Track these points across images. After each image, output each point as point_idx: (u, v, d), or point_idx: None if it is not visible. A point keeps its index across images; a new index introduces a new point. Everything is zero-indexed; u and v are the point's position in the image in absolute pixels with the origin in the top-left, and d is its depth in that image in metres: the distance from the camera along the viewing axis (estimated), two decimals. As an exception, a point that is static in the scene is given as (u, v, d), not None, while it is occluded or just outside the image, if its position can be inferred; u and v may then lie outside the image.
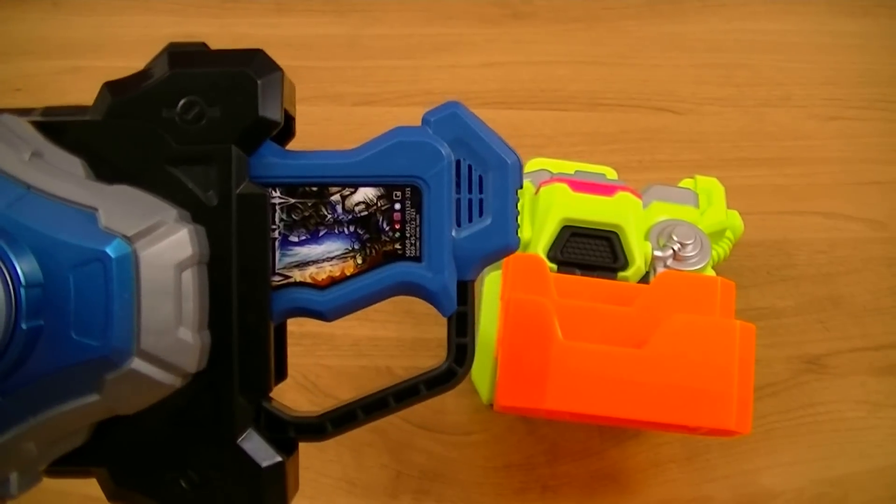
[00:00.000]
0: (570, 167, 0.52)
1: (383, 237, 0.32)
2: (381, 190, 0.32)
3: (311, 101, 0.65)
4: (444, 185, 0.32)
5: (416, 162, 0.32)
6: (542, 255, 0.44)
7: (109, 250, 0.27)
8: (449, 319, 0.33)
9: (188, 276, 0.29)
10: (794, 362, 0.53)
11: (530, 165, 0.54)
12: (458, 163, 0.32)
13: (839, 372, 0.53)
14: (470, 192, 0.32)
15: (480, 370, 0.45)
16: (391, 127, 0.33)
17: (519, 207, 0.32)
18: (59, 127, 0.30)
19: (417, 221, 0.32)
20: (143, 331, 0.27)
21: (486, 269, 0.46)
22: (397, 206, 0.32)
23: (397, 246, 0.32)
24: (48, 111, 0.31)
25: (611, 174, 0.52)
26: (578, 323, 0.40)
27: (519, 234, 0.46)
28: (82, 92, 0.68)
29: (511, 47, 0.72)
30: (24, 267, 0.26)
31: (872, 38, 0.74)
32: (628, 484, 0.48)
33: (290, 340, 0.52)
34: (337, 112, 0.66)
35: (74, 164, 0.30)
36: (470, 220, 0.32)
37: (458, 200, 0.32)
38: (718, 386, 0.39)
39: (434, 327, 0.33)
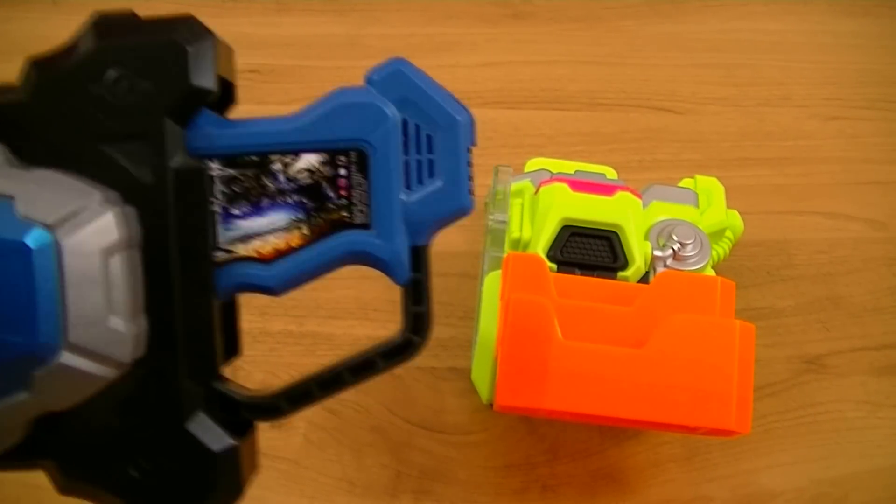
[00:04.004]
0: (569, 167, 0.52)
1: (329, 205, 0.30)
2: (325, 156, 0.30)
3: (312, 100, 0.65)
4: (390, 147, 0.30)
5: (360, 124, 0.30)
6: (542, 255, 0.44)
7: (28, 240, 0.25)
8: (404, 288, 0.31)
9: (116, 262, 0.27)
10: (794, 362, 0.53)
11: (530, 165, 0.54)
12: (404, 123, 0.30)
13: (839, 372, 0.53)
14: (419, 153, 0.30)
15: (480, 370, 0.45)
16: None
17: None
18: None
19: (364, 187, 0.30)
20: (71, 323, 0.26)
21: (485, 269, 0.46)
22: (342, 171, 0.30)
23: (344, 214, 0.31)
24: None
25: (611, 174, 0.52)
26: (578, 323, 0.40)
27: (518, 235, 0.46)
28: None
29: (511, 47, 0.72)
30: None
31: (872, 38, 0.74)
32: (628, 484, 0.48)
33: (289, 340, 0.53)
34: (337, 112, 0.65)
35: None
36: (420, 183, 0.30)
37: (407, 162, 0.30)
38: (718, 386, 0.39)
39: (434, 327, 0.32)
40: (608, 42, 0.73)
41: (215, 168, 0.30)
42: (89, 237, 0.26)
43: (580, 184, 0.47)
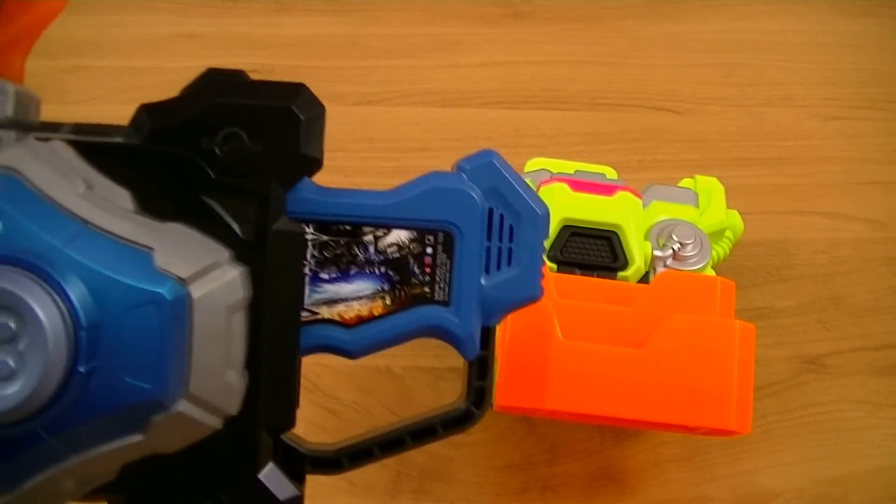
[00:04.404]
0: (569, 167, 0.52)
1: (413, 280, 0.32)
2: (415, 233, 0.32)
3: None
4: (476, 232, 0.32)
5: (451, 208, 0.32)
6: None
7: (165, 292, 0.26)
8: (470, 363, 0.33)
9: (237, 319, 0.28)
10: (794, 362, 0.53)
11: (530, 165, 0.54)
12: (490, 211, 0.32)
13: (839, 372, 0.53)
14: (500, 240, 0.32)
15: (480, 370, 0.45)
16: (391, 127, 0.33)
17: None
18: (96, 149, 0.30)
19: (448, 266, 0.32)
20: (193, 374, 0.27)
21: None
22: (429, 250, 0.32)
23: (426, 289, 0.32)
24: (79, 129, 0.30)
25: (611, 174, 0.52)
26: (578, 323, 0.40)
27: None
28: (83, 91, 0.68)
29: (511, 47, 0.72)
30: (83, 307, 0.26)
31: (872, 38, 0.74)
32: (628, 484, 0.48)
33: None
34: (337, 111, 0.66)
35: (124, 198, 0.29)
36: (498, 269, 0.32)
37: (489, 249, 0.32)
38: (718, 386, 0.39)
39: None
40: (608, 42, 0.73)
41: (309, 233, 0.32)
42: (218, 293, 0.28)
43: (580, 184, 0.47)
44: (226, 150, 0.30)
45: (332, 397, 0.50)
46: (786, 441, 0.50)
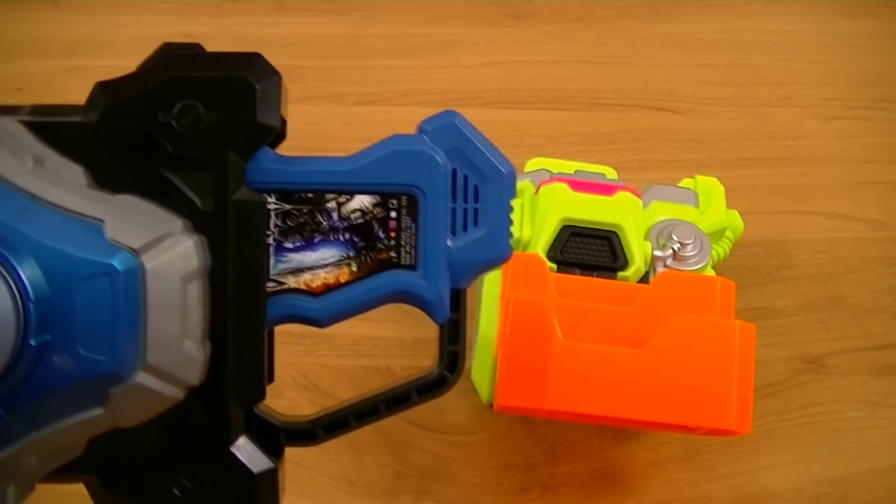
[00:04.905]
0: (569, 167, 0.52)
1: (378, 245, 0.32)
2: (378, 198, 0.32)
3: (312, 100, 0.65)
4: (440, 194, 0.32)
5: (414, 171, 0.31)
6: (542, 255, 0.44)
7: (116, 263, 0.26)
8: (441, 327, 0.33)
9: (193, 288, 0.28)
10: (794, 362, 0.53)
11: (530, 165, 0.54)
12: (454, 172, 0.32)
13: (839, 372, 0.53)
14: (465, 201, 0.32)
15: (480, 370, 0.45)
16: (391, 127, 0.33)
17: (512, 217, 0.32)
18: (50, 127, 0.30)
19: (413, 230, 0.32)
20: (150, 345, 0.27)
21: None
22: (393, 214, 0.32)
23: (392, 254, 0.32)
24: (37, 110, 0.30)
25: (611, 174, 0.52)
26: (578, 323, 0.40)
27: (518, 235, 0.46)
28: (83, 92, 0.68)
29: (511, 47, 0.72)
30: (31, 281, 0.26)
31: (872, 38, 0.74)
32: (628, 484, 0.48)
33: (289, 340, 0.53)
34: (337, 111, 0.66)
35: (76, 172, 0.29)
36: (465, 230, 0.32)
37: (454, 210, 0.32)
38: (718, 386, 0.39)
39: (434, 327, 0.33)
40: (608, 42, 0.73)
41: (271, 202, 0.32)
42: (172, 263, 0.28)
43: (580, 184, 0.47)
44: (182, 122, 0.30)
45: (331, 397, 0.50)
46: (786, 441, 0.50)
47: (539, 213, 0.46)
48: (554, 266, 0.45)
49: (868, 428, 0.50)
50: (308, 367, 0.52)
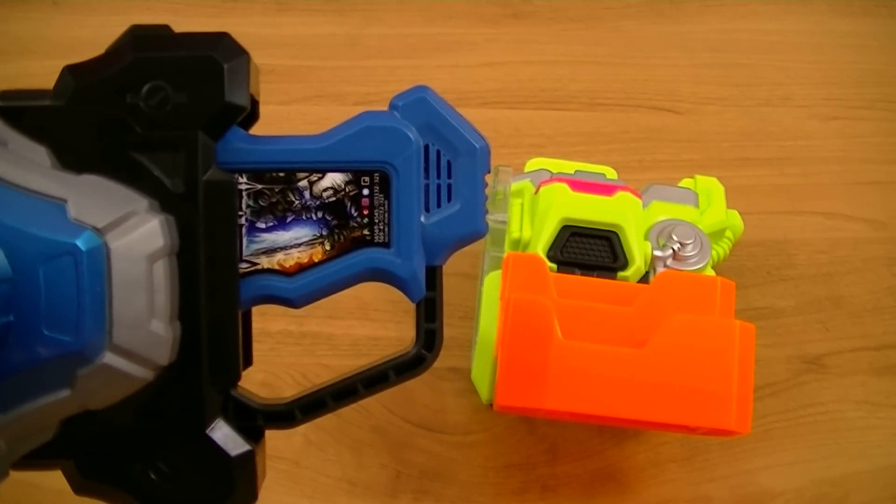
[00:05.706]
0: (569, 167, 0.52)
1: (352, 223, 0.32)
2: (350, 175, 0.31)
3: (312, 100, 0.65)
4: (412, 170, 0.31)
5: (385, 147, 0.31)
6: (542, 255, 0.44)
7: (80, 243, 0.26)
8: (417, 305, 0.33)
9: (160, 268, 0.28)
10: (794, 362, 0.53)
11: (530, 165, 0.54)
12: (426, 148, 0.32)
13: (839, 372, 0.53)
14: (438, 177, 0.32)
15: (480, 370, 0.45)
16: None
17: (488, 192, 0.32)
18: (19, 112, 0.29)
19: (386, 207, 0.32)
20: (116, 324, 0.27)
21: (485, 269, 0.46)
22: (365, 191, 0.32)
23: (366, 232, 0.32)
24: (5, 95, 0.30)
25: (611, 174, 0.52)
26: (578, 323, 0.40)
27: (518, 235, 0.46)
28: (82, 92, 0.68)
29: (511, 47, 0.72)
30: None
31: (872, 38, 0.74)
32: (628, 484, 0.48)
33: (289, 340, 0.53)
34: (337, 111, 0.66)
35: (40, 154, 0.29)
36: (438, 206, 0.32)
37: (427, 186, 0.32)
38: (718, 386, 0.39)
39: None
40: (608, 42, 0.73)
41: (243, 182, 0.31)
42: (137, 242, 0.27)
43: (580, 184, 0.47)
44: (151, 103, 0.29)
45: (332, 397, 0.50)
46: (786, 441, 0.50)
47: (539, 213, 0.46)
48: (554, 266, 0.45)
49: (868, 428, 0.50)
50: (308, 367, 0.52)
